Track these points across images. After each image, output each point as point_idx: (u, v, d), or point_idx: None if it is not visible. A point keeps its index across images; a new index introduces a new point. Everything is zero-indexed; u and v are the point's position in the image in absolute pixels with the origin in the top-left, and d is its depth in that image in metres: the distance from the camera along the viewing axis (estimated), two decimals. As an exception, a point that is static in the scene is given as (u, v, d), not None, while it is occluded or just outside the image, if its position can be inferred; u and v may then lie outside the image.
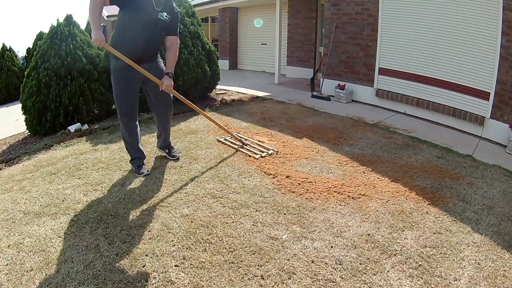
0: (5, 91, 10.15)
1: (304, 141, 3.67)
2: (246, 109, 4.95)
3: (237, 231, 2.12)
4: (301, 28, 8.09)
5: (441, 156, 3.35)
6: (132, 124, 2.86)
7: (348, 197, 2.53)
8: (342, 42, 5.76)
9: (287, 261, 1.87)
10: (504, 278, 1.78)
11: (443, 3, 4.27)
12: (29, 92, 4.41)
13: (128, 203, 2.45)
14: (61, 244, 2.02)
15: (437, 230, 2.16)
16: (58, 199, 2.53)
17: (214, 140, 3.67)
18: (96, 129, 4.27)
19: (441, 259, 1.90)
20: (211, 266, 1.83)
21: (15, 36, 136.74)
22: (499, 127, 3.79)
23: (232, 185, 2.68)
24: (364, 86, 5.54)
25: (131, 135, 2.88)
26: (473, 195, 2.61)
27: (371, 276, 1.77)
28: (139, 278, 1.75)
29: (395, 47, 5.00)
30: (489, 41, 3.79)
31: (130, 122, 2.85)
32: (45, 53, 4.48)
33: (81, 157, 3.32)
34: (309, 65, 8.09)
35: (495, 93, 3.80)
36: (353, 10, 5.50)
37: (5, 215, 2.35)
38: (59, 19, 4.75)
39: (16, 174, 3.09)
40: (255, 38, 9.73)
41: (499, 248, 2.00)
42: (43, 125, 4.44)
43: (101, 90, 4.78)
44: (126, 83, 2.75)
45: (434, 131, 4.21)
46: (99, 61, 4.88)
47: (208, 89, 5.72)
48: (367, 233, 2.11)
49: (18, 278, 1.76)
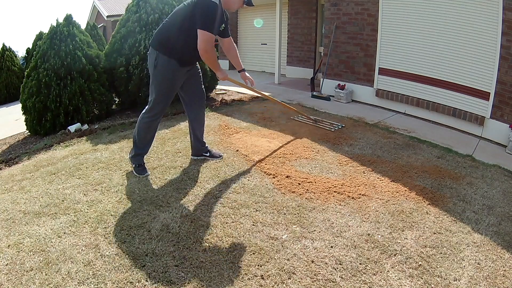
0: (5, 91, 10.17)
1: (304, 141, 3.66)
2: (246, 109, 4.95)
3: (237, 231, 2.12)
4: (301, 28, 8.09)
5: (441, 156, 3.35)
6: (158, 122, 2.85)
7: (348, 197, 2.53)
8: (342, 42, 5.76)
9: (287, 261, 1.87)
10: (504, 278, 1.78)
11: (443, 3, 4.27)
12: (29, 92, 4.41)
13: (128, 203, 2.45)
14: (61, 244, 2.02)
15: (437, 230, 2.16)
16: (58, 199, 2.53)
17: (214, 140, 3.67)
18: (96, 129, 4.27)
19: (441, 259, 1.90)
20: (211, 266, 1.83)
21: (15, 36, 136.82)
22: (499, 127, 3.79)
23: (232, 185, 2.68)
24: (364, 86, 5.54)
25: (152, 132, 2.84)
26: (473, 195, 2.61)
27: (371, 276, 1.77)
28: (139, 278, 1.75)
29: (395, 47, 5.00)
30: (489, 41, 3.79)
31: (158, 121, 2.83)
32: (45, 53, 4.48)
33: (81, 157, 3.32)
34: (309, 65, 8.09)
35: (495, 93, 3.80)
36: (353, 10, 5.50)
37: (5, 215, 2.35)
38: (59, 19, 4.76)
39: (16, 174, 3.09)
40: (255, 38, 9.73)
41: (499, 248, 2.00)
42: (43, 125, 4.44)
43: (101, 90, 4.78)
44: (176, 84, 2.72)
45: (434, 131, 4.21)
46: (99, 62, 4.89)
47: (208, 89, 5.73)
48: (367, 233, 2.11)
49: (18, 278, 1.76)
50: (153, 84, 2.67)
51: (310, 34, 7.95)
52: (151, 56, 2.66)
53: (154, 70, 2.63)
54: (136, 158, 2.89)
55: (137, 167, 2.87)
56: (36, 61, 4.51)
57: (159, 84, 2.65)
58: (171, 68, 2.61)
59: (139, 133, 2.81)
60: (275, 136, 3.80)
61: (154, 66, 2.62)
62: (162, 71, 2.61)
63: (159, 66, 2.60)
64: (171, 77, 2.65)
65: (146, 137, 2.83)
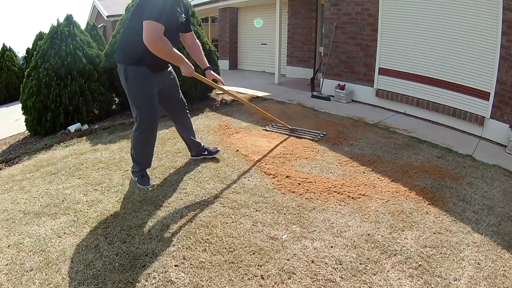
0: (5, 91, 10.16)
1: (304, 141, 3.67)
2: (246, 109, 4.95)
3: (237, 231, 2.12)
4: (301, 28, 8.09)
5: (441, 156, 3.35)
6: (155, 133, 2.63)
7: (348, 197, 2.53)
8: (342, 42, 5.76)
9: (287, 261, 1.87)
10: (504, 278, 1.78)
11: (443, 3, 4.27)
12: (29, 92, 4.41)
13: (128, 203, 2.45)
14: (61, 244, 2.02)
15: (437, 230, 2.16)
16: (58, 199, 2.53)
17: (214, 140, 3.67)
18: (96, 129, 4.27)
19: (441, 259, 1.90)
20: (211, 266, 1.83)
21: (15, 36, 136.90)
22: (499, 127, 3.79)
23: (232, 185, 2.68)
24: (364, 86, 5.54)
25: (148, 147, 2.62)
26: (473, 195, 2.61)
27: (371, 276, 1.77)
28: (139, 278, 1.75)
29: (395, 47, 5.00)
30: (489, 41, 3.79)
31: (152, 134, 2.60)
32: (45, 53, 4.48)
33: (81, 157, 3.32)
34: (309, 65, 8.09)
35: (495, 93, 3.80)
36: (353, 10, 5.50)
37: (5, 215, 2.35)
38: (59, 19, 4.76)
39: (16, 174, 3.09)
40: (255, 38, 9.73)
41: (499, 248, 2.00)
42: (43, 125, 4.45)
43: (101, 90, 4.79)
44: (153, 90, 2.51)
45: (434, 131, 4.21)
46: (99, 62, 4.89)
47: (208, 90, 5.73)
48: (367, 233, 2.11)
49: (18, 278, 1.76)
50: (131, 99, 2.48)
51: (310, 34, 7.95)
52: (120, 72, 2.48)
53: (126, 83, 2.44)
54: (140, 172, 2.68)
55: (140, 178, 2.65)
56: (37, 61, 4.51)
57: (137, 96, 2.45)
58: (143, 76, 2.42)
59: (136, 151, 2.62)
60: (275, 136, 3.80)
61: (125, 79, 2.43)
62: (134, 81, 2.41)
63: (130, 77, 2.41)
64: (146, 84, 2.45)
65: (144, 153, 2.64)
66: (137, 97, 2.46)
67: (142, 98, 2.46)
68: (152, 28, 2.16)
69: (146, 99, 2.47)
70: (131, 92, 2.46)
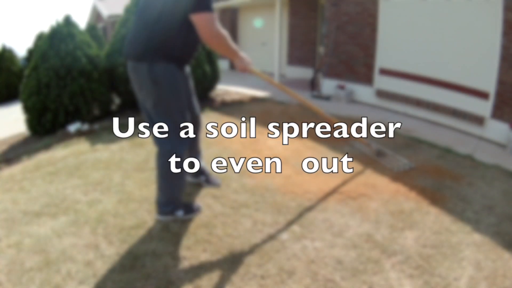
0: (5, 91, 10.17)
1: (304, 141, 3.66)
2: (246, 109, 4.95)
3: (237, 231, 2.12)
4: (301, 28, 8.09)
5: (441, 156, 3.35)
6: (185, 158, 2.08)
7: (348, 197, 2.53)
8: (342, 42, 5.76)
9: (287, 261, 1.86)
10: (504, 278, 1.77)
11: (443, 3, 4.27)
12: (29, 92, 4.41)
13: (128, 203, 2.45)
14: (61, 244, 2.01)
15: (437, 230, 2.16)
16: (58, 199, 2.53)
17: (213, 140, 3.67)
18: (96, 129, 4.27)
19: (441, 259, 1.90)
20: (211, 266, 1.83)
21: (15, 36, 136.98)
22: (499, 127, 3.79)
23: (232, 185, 2.68)
24: (364, 86, 5.54)
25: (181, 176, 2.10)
26: (473, 195, 2.61)
27: (371, 276, 1.77)
28: (139, 278, 1.75)
29: (395, 47, 5.00)
30: (489, 41, 3.79)
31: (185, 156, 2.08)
32: (45, 53, 4.48)
33: (81, 157, 3.32)
34: (309, 65, 8.10)
35: (495, 93, 3.80)
36: (353, 10, 5.50)
37: (5, 215, 2.35)
38: (59, 20, 4.76)
39: (16, 174, 3.09)
40: (255, 38, 9.73)
41: (499, 248, 2.00)
42: (43, 125, 4.44)
43: (101, 90, 4.78)
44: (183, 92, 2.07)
45: (434, 131, 4.21)
46: (99, 61, 4.89)
47: (208, 89, 5.73)
48: (367, 233, 2.11)
49: (18, 278, 1.76)
50: (161, 107, 1.98)
51: (310, 34, 7.96)
52: (139, 72, 1.96)
53: (155, 87, 1.93)
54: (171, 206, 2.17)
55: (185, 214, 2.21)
56: (36, 61, 4.51)
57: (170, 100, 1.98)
58: (174, 74, 1.98)
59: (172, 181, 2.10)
60: (276, 136, 3.80)
61: (153, 81, 1.92)
62: (166, 82, 1.95)
63: (160, 78, 1.93)
64: (178, 83, 2.01)
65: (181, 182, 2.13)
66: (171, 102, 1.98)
67: (175, 101, 2.00)
68: (211, 20, 1.85)
69: (180, 102, 2.02)
70: (161, 97, 1.96)
